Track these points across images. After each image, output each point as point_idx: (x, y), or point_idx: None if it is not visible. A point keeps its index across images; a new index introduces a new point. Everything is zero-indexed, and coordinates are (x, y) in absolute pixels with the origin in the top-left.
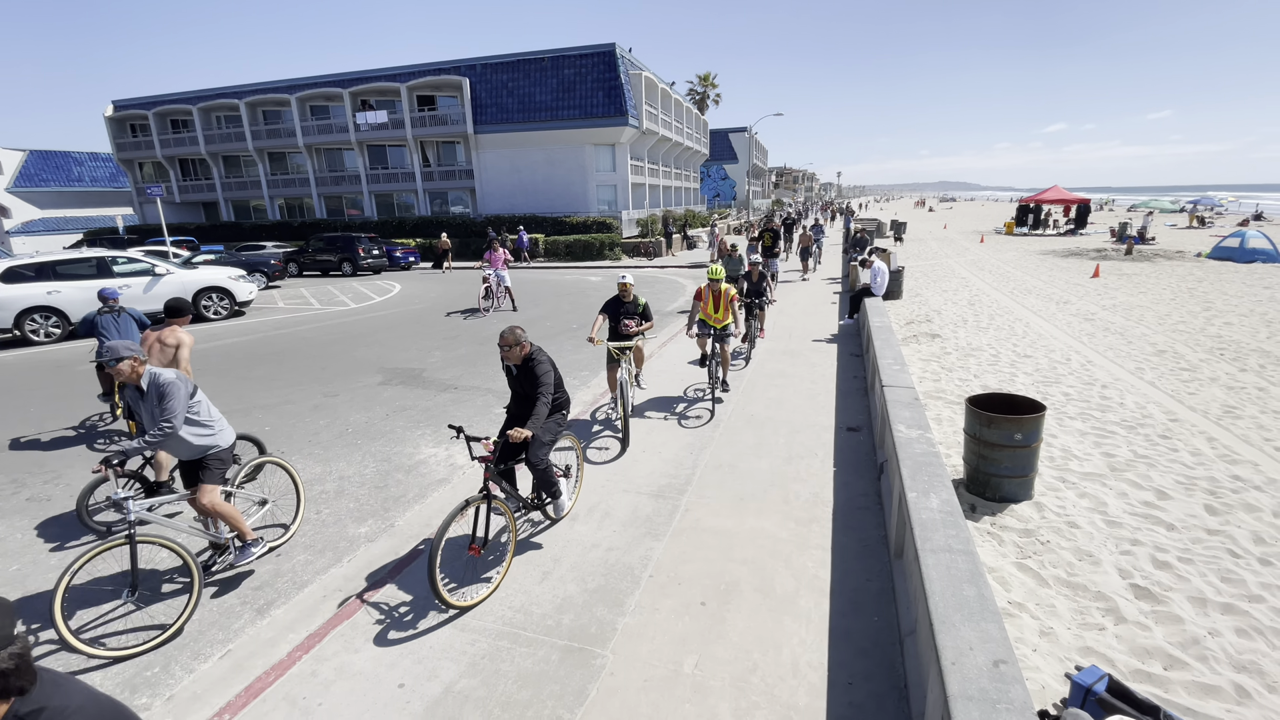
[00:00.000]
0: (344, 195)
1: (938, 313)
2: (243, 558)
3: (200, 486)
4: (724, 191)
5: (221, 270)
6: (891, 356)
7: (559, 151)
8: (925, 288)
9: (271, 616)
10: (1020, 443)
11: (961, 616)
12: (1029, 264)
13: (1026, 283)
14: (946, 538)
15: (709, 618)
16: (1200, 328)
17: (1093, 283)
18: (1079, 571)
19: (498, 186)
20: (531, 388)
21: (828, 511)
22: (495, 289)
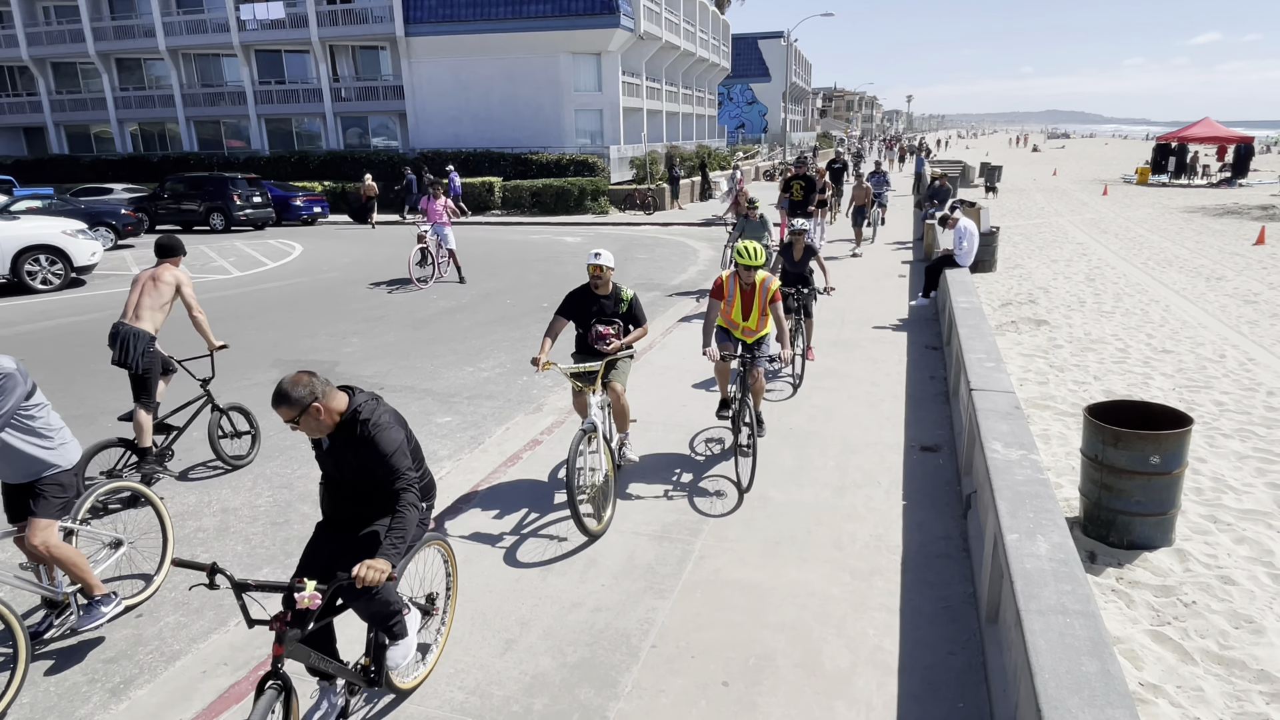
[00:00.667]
0: (223, 120)
1: (1044, 291)
2: (89, 619)
3: (31, 521)
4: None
5: (53, 223)
6: (983, 350)
7: (524, 64)
8: (1027, 256)
9: (131, 699)
10: (1158, 468)
11: (1079, 701)
12: (1169, 225)
13: (1166, 250)
14: (1059, 595)
15: (734, 703)
16: None
17: (1256, 251)
18: (1235, 643)
19: (437, 111)
20: (371, 472)
21: (895, 560)
22: (434, 252)
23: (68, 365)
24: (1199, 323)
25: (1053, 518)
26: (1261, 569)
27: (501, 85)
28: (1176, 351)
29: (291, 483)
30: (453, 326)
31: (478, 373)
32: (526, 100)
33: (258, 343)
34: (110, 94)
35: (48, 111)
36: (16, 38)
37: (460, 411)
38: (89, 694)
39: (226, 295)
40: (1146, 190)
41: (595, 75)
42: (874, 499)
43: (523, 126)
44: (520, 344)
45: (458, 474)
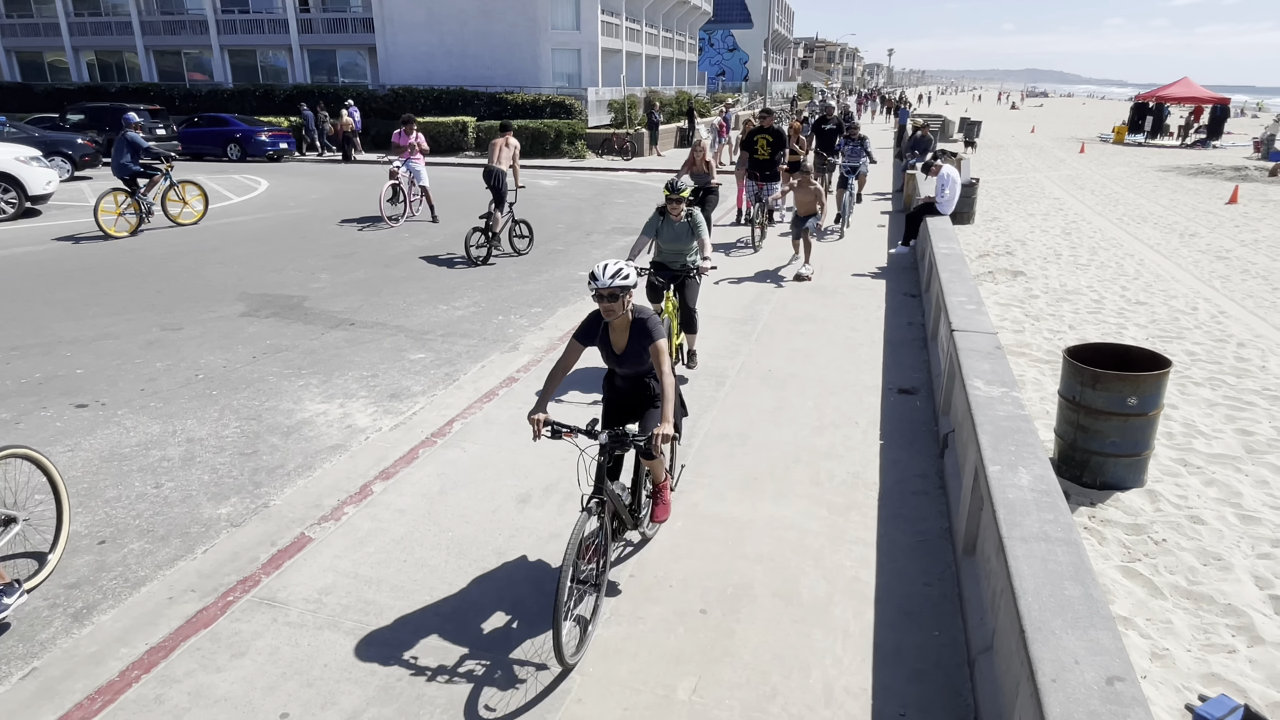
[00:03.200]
0: (184, 50)
1: (1021, 243)
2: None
3: None
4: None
5: (5, 149)
6: (964, 293)
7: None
8: (1005, 209)
9: (94, 624)
10: (1134, 410)
11: (1064, 623)
12: (1144, 183)
13: (1141, 207)
14: (1042, 523)
15: (712, 630)
16: None
17: (1228, 210)
18: (1203, 579)
19: (409, 46)
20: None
21: (872, 496)
22: (406, 190)
23: (22, 296)
24: (1172, 276)
25: (1034, 451)
26: (1230, 510)
27: (476, 20)
28: (1150, 303)
29: (259, 414)
30: (425, 265)
31: (451, 311)
32: (502, 37)
33: (222, 276)
34: (64, 20)
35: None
36: None
37: (434, 349)
38: (50, 618)
39: (189, 229)
40: (1123, 149)
41: (574, 12)
42: (852, 438)
43: (498, 65)
44: (495, 284)
45: (432, 409)
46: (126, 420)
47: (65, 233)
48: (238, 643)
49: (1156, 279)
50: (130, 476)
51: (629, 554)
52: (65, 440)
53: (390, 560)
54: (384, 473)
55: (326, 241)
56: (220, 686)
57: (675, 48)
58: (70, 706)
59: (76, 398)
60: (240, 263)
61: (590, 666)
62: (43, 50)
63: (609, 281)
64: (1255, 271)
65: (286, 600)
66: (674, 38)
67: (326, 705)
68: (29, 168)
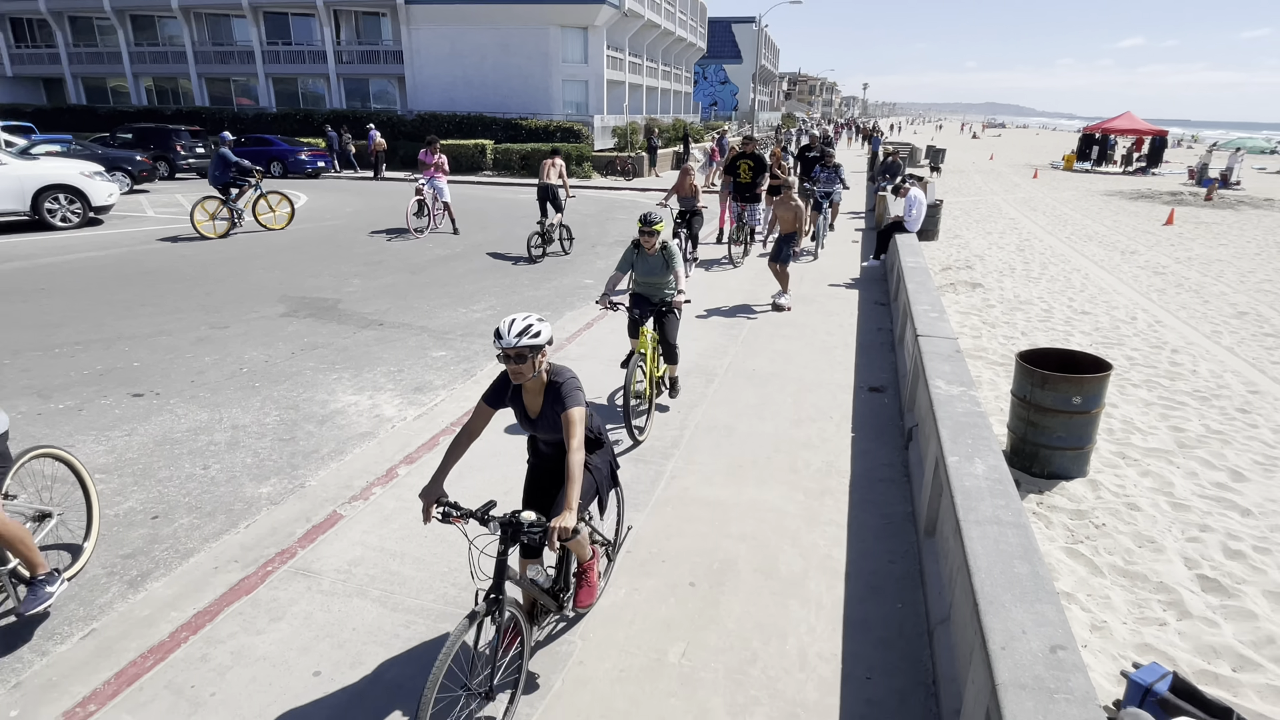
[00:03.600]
0: (232, 78)
1: (980, 258)
2: (36, 600)
3: None
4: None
5: (72, 164)
6: (928, 302)
7: (516, 34)
8: (966, 228)
9: (147, 590)
10: (1079, 408)
11: (1012, 596)
12: (1090, 205)
13: (1087, 227)
14: (994, 508)
15: (699, 600)
16: None
17: (1165, 231)
18: (1138, 559)
19: (434, 76)
20: None
21: (844, 483)
22: (431, 205)
23: (86, 296)
24: (1114, 290)
25: (989, 444)
26: (1163, 498)
27: (495, 54)
28: (1094, 313)
29: (297, 404)
30: (447, 272)
31: (470, 314)
32: (518, 69)
33: (265, 281)
34: (126, 49)
35: (66, 63)
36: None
37: (454, 347)
38: (108, 585)
39: (236, 237)
40: (1072, 175)
41: (582, 48)
42: (826, 431)
43: (513, 94)
44: (509, 290)
45: (452, 401)
46: (178, 408)
47: (124, 240)
48: (275, 608)
49: (1100, 291)
50: (181, 459)
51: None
52: (123, 426)
53: (412, 536)
54: (408, 457)
55: (358, 250)
56: (260, 647)
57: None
58: (125, 664)
59: (133, 388)
60: (281, 269)
61: (591, 632)
62: (106, 76)
63: (514, 341)
64: (1188, 286)
65: (319, 571)
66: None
67: (354, 665)
68: (92, 181)
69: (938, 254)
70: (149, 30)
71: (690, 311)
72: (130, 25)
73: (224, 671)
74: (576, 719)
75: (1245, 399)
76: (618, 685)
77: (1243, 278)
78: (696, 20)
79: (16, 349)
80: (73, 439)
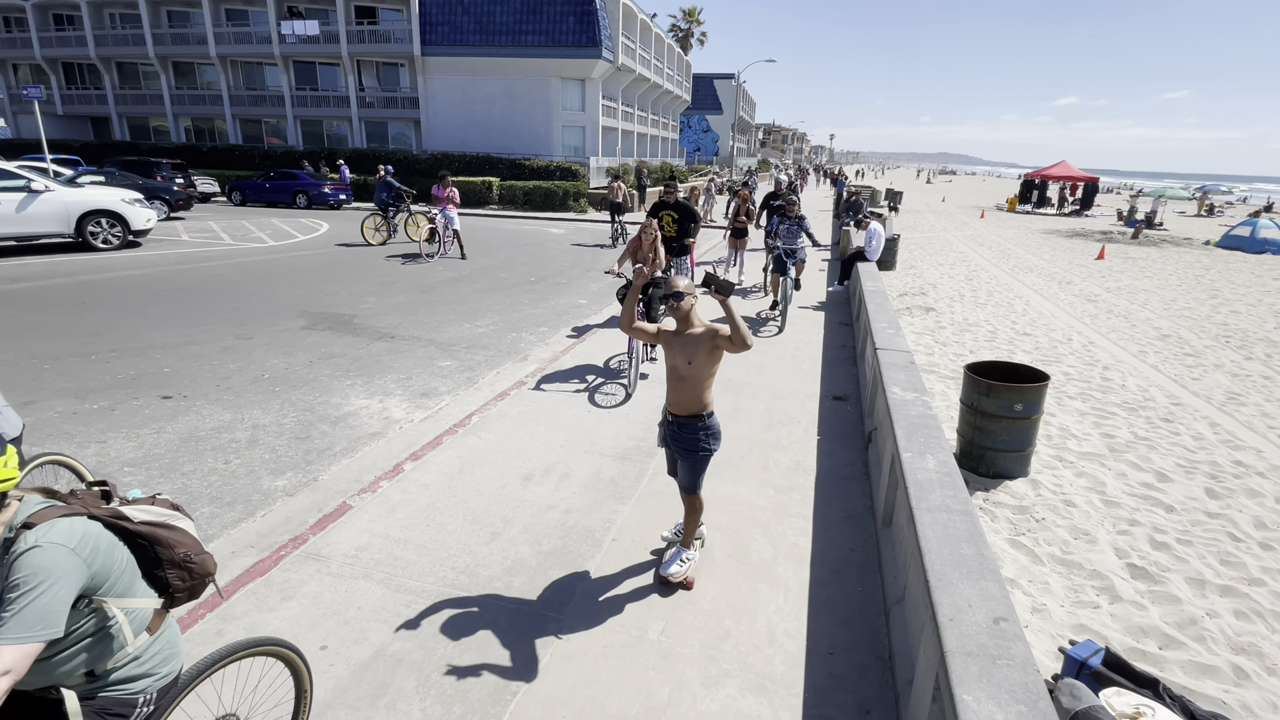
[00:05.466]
0: (264, 119)
1: (933, 286)
2: None
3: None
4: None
5: (113, 191)
6: (886, 320)
7: (520, 84)
8: (920, 260)
9: None
10: (1020, 414)
11: (960, 575)
12: (1031, 242)
13: (1028, 261)
14: (944, 497)
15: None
16: (1206, 315)
17: (1097, 264)
18: (1074, 550)
19: (446, 120)
20: None
21: (810, 480)
22: (442, 232)
23: (123, 309)
24: (1052, 314)
25: (939, 442)
26: (1096, 496)
27: (501, 101)
28: (1034, 334)
29: (313, 407)
30: (454, 292)
31: (474, 328)
32: (522, 114)
33: (287, 297)
34: (167, 92)
35: (112, 104)
36: (86, 38)
37: (459, 358)
38: None
39: (262, 260)
40: (1014, 216)
41: (580, 97)
42: (795, 434)
43: (518, 136)
44: (510, 309)
45: (455, 405)
46: (204, 409)
47: (160, 261)
48: (287, 589)
49: (1040, 316)
50: (204, 454)
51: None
52: (152, 425)
53: (416, 525)
54: (413, 455)
55: (374, 272)
56: (271, 623)
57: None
58: None
59: (163, 391)
60: (303, 287)
61: (577, 611)
62: (148, 116)
63: None
64: (1118, 312)
65: (329, 555)
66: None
67: (359, 640)
68: (132, 207)
69: (895, 282)
70: (189, 75)
71: None
72: (172, 70)
73: None
74: (563, 689)
75: (1168, 410)
76: (601, 660)
77: (1166, 305)
78: (682, 75)
79: (57, 355)
80: (105, 436)
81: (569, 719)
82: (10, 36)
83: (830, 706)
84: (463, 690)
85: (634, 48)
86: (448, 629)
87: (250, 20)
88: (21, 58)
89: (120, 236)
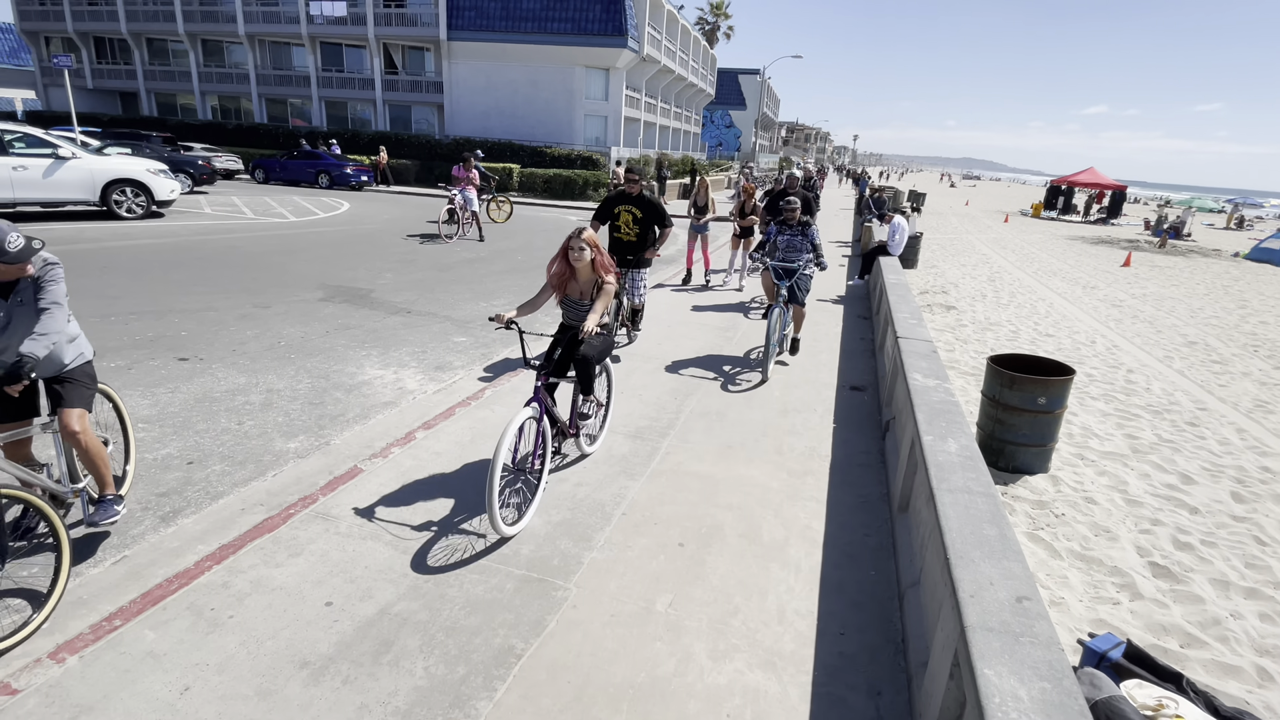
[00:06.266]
0: (289, 100)
1: (955, 285)
2: (105, 514)
3: (66, 411)
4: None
5: (138, 161)
6: (908, 311)
7: (544, 72)
8: (942, 260)
9: (178, 525)
10: (1043, 408)
11: (982, 554)
12: (1055, 247)
13: (1051, 265)
14: (965, 479)
15: (687, 559)
16: (1234, 324)
17: (1122, 271)
18: (1094, 546)
19: (469, 105)
20: None
21: (824, 465)
22: (460, 214)
23: (144, 275)
24: (1075, 318)
25: (961, 426)
26: (1117, 494)
27: (525, 88)
28: (1057, 336)
29: (328, 374)
30: (471, 272)
31: (490, 307)
32: (545, 102)
33: (307, 270)
34: (195, 69)
35: (141, 80)
36: (117, 13)
37: (473, 334)
38: (142, 519)
39: (282, 234)
40: (1039, 222)
41: (603, 87)
42: (810, 421)
43: (540, 124)
44: (526, 290)
45: (469, 379)
46: (219, 372)
47: (182, 231)
48: (295, 546)
49: (1063, 318)
50: (218, 415)
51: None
52: (168, 384)
53: (425, 489)
54: (426, 424)
55: (393, 250)
56: (277, 578)
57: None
58: (151, 585)
59: (180, 353)
60: (322, 261)
61: (585, 581)
62: (177, 93)
63: None
64: (1143, 317)
65: (338, 516)
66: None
67: (364, 598)
68: (156, 178)
69: (916, 280)
70: (217, 54)
71: (686, 315)
72: (200, 48)
73: (243, 598)
74: (568, 655)
75: (1194, 414)
76: (608, 629)
77: (1193, 313)
78: (707, 69)
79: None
80: (121, 393)
81: (574, 684)
82: (44, 9)
83: (840, 685)
84: (467, 651)
85: (660, 39)
86: (455, 592)
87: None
88: (54, 30)
89: (144, 206)
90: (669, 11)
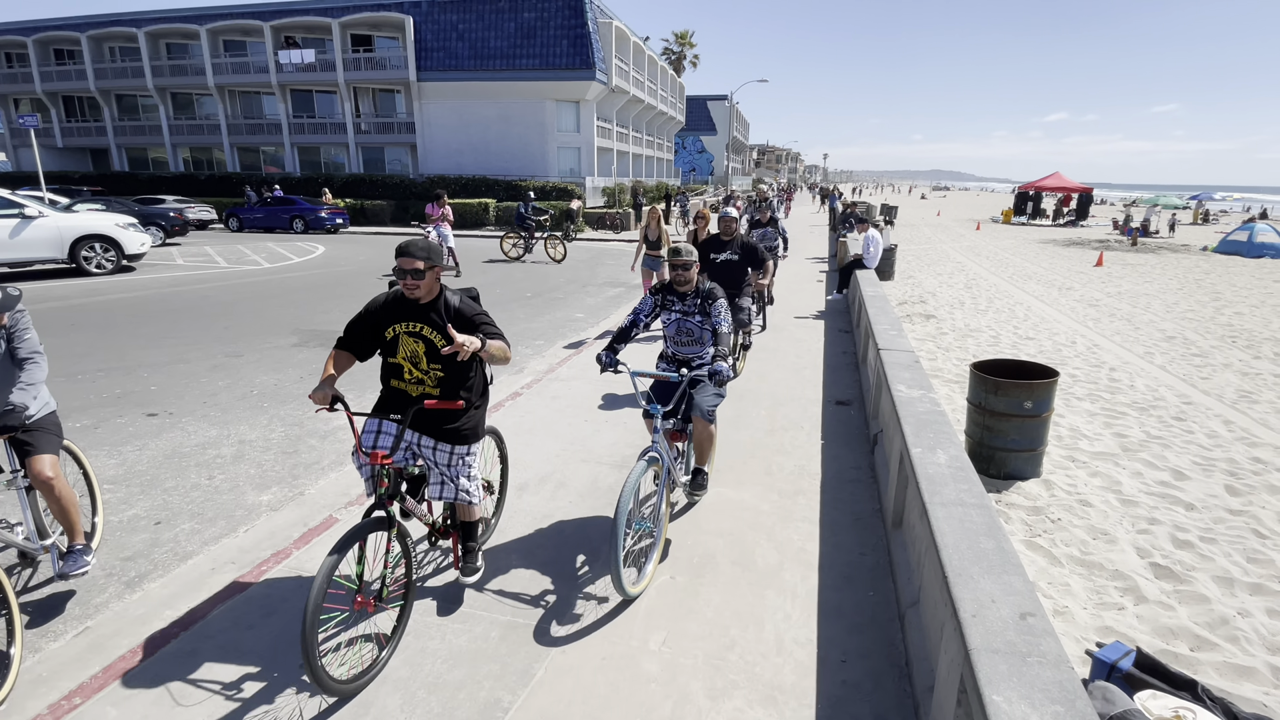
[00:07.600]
0: (261, 147)
1: (932, 294)
2: (75, 565)
3: (38, 459)
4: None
5: (107, 216)
6: (888, 322)
7: (515, 107)
8: (918, 270)
9: (144, 590)
10: (1030, 412)
11: (980, 569)
12: (1028, 251)
13: (1026, 269)
14: (958, 491)
15: (679, 592)
16: (1210, 316)
17: (1096, 271)
18: (1094, 550)
19: (442, 144)
20: None
21: (815, 484)
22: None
23: (112, 330)
24: (1054, 320)
25: (949, 437)
26: (1112, 495)
27: (497, 124)
28: (1037, 339)
29: (301, 421)
30: None
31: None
32: (518, 137)
33: (281, 316)
34: (165, 123)
35: (111, 136)
36: (85, 72)
37: None
38: (105, 585)
39: (255, 282)
40: (1010, 227)
41: (575, 119)
42: (798, 439)
43: (514, 158)
44: (507, 323)
45: None
46: (189, 426)
47: (153, 284)
48: (268, 604)
49: (1042, 321)
50: (188, 470)
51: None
52: (135, 442)
53: None
54: None
55: (367, 291)
56: (249, 641)
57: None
58: (114, 658)
59: (148, 409)
60: (295, 306)
61: (572, 622)
62: (147, 147)
63: None
64: (1120, 315)
65: (313, 569)
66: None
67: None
68: (126, 232)
69: (894, 291)
70: (187, 106)
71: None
72: (170, 101)
73: (211, 666)
74: (557, 704)
75: (1180, 409)
76: (599, 673)
77: (1168, 308)
78: (675, 97)
79: None
80: (87, 453)
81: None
82: (11, 72)
83: (845, 717)
84: (450, 708)
85: (628, 70)
86: (436, 643)
87: (248, 50)
88: (22, 92)
89: (114, 261)
90: (635, 43)
